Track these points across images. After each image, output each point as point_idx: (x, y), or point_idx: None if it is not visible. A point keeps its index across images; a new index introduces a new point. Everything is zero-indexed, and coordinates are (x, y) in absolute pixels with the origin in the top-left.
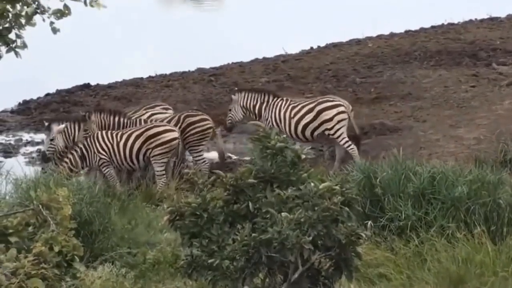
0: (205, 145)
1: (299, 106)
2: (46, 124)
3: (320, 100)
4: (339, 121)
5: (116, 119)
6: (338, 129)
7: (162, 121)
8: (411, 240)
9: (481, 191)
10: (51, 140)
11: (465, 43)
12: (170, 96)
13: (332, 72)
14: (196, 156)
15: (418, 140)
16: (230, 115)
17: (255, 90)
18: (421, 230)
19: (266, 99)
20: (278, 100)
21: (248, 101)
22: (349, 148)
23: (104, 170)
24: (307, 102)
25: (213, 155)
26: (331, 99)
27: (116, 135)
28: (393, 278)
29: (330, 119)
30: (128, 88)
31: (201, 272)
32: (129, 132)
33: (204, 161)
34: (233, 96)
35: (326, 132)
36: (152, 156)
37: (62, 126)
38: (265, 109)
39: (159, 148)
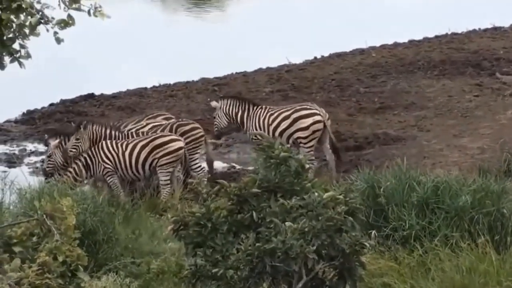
0: (199, 153)
1: (276, 113)
2: (45, 139)
3: (297, 107)
4: (314, 131)
5: (108, 131)
6: (311, 139)
7: (155, 131)
8: (415, 249)
9: (485, 200)
10: (49, 156)
11: (468, 52)
12: (174, 106)
13: (335, 82)
14: (193, 165)
15: (422, 150)
16: (216, 122)
17: (237, 98)
18: (425, 240)
19: (247, 107)
20: (258, 109)
21: (231, 108)
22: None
23: (109, 180)
24: (284, 109)
25: (217, 165)
26: (308, 107)
27: (121, 144)
28: None
29: (306, 128)
30: (132, 98)
31: (205, 282)
32: (135, 142)
33: (202, 169)
34: (212, 103)
35: (299, 140)
36: (159, 166)
37: (57, 141)
38: (247, 118)
39: (165, 158)
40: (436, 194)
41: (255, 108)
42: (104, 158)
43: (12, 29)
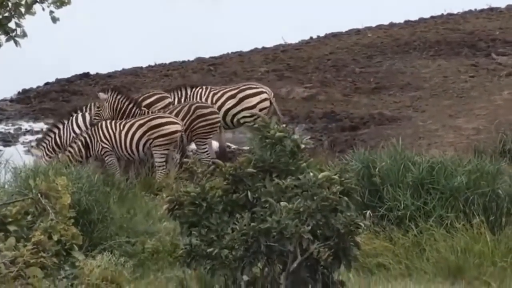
0: (211, 138)
1: (220, 93)
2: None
3: (243, 87)
4: (261, 109)
5: (130, 106)
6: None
7: (172, 111)
8: (410, 230)
9: (480, 181)
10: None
11: (464, 33)
12: (169, 85)
13: (331, 62)
14: (202, 148)
15: (417, 130)
16: None
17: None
18: (420, 220)
19: (184, 93)
20: (198, 89)
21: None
22: None
23: (106, 159)
24: (229, 89)
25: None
26: (254, 86)
27: (120, 124)
28: (392, 268)
29: (253, 107)
30: (127, 77)
31: (200, 261)
32: (132, 122)
33: (208, 154)
34: None
35: (244, 120)
36: (153, 147)
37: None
38: (185, 100)
39: (160, 139)
40: (431, 175)
41: (193, 89)
42: (103, 138)
43: (7, 8)
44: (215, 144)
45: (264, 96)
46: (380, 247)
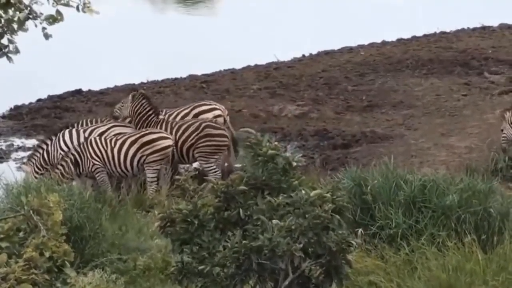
0: (216, 159)
1: (175, 113)
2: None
3: (196, 104)
4: None
5: (149, 113)
6: None
7: (180, 126)
8: (402, 248)
9: (472, 199)
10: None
11: (457, 51)
12: (162, 103)
13: (324, 79)
14: (207, 166)
15: (410, 148)
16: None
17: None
18: (412, 238)
19: None
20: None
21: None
22: None
23: (97, 176)
24: (182, 108)
25: None
26: (207, 103)
27: (110, 141)
28: (383, 286)
29: None
30: (120, 94)
31: (191, 279)
32: (123, 138)
33: (216, 171)
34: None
35: None
36: (146, 163)
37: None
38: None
39: (153, 155)
40: (423, 193)
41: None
42: (93, 155)
43: (0, 24)
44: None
45: (217, 112)
46: (371, 265)
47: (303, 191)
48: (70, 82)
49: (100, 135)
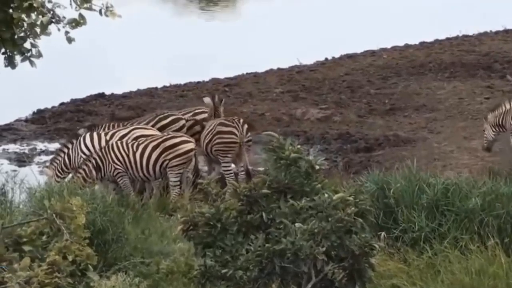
0: (230, 157)
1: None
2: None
3: (161, 116)
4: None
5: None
6: None
7: (205, 126)
8: (425, 251)
9: (494, 203)
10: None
11: (479, 55)
12: (184, 106)
13: (346, 83)
14: (223, 166)
15: (432, 152)
16: None
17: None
18: (435, 242)
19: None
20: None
21: None
22: None
23: (119, 181)
24: (147, 121)
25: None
26: (169, 113)
27: (132, 145)
28: None
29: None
30: (142, 98)
31: (214, 283)
32: (145, 143)
33: (230, 174)
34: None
35: None
36: (169, 167)
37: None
38: None
39: (176, 159)
40: (446, 196)
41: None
42: (115, 159)
43: (23, 28)
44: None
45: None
46: (394, 268)
47: (326, 195)
48: (93, 86)
49: (121, 138)
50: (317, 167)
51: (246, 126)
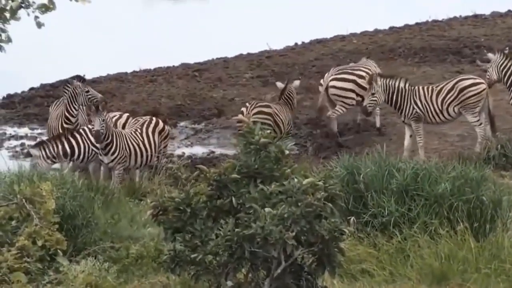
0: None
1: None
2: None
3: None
4: None
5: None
6: None
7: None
8: (394, 236)
9: (464, 187)
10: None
11: (449, 40)
12: (154, 91)
13: (316, 68)
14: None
15: (402, 137)
16: None
17: None
18: (404, 227)
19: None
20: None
21: None
22: None
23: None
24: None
25: (197, 150)
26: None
27: (430, 89)
28: (376, 274)
29: None
30: (112, 83)
31: (184, 267)
32: (441, 86)
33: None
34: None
35: None
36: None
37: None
38: None
39: (471, 99)
40: (415, 181)
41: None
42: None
43: None
44: (196, 150)
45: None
46: (364, 253)
47: (295, 179)
48: (63, 70)
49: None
50: (287, 152)
51: None
